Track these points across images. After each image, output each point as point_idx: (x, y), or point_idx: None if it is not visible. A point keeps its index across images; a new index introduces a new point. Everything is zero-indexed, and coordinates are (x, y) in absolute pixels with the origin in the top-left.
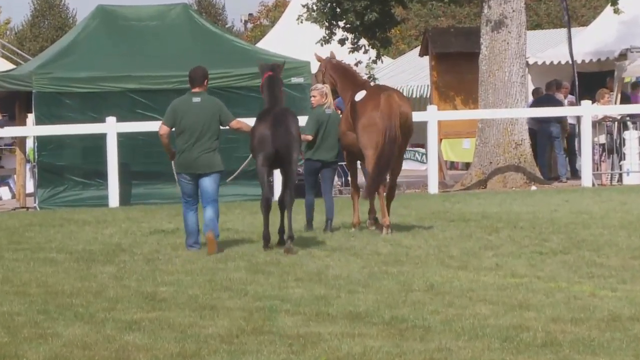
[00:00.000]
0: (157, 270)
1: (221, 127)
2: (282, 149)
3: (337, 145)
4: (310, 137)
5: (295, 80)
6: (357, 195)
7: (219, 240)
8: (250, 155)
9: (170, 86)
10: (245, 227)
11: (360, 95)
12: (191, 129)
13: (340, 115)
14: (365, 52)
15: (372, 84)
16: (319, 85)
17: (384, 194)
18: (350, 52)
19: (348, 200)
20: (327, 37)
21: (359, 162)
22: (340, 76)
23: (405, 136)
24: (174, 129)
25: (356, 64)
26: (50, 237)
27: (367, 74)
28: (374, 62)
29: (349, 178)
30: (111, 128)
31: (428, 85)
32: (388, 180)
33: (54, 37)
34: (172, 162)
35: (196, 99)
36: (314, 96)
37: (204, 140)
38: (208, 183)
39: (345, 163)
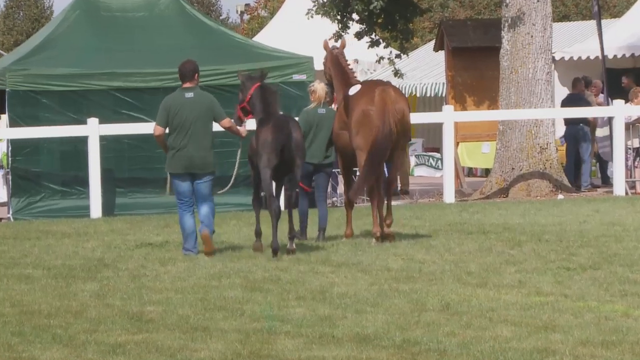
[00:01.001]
0: (143, 287)
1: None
2: (286, 153)
3: (328, 146)
4: None
5: (296, 77)
6: (351, 206)
7: (215, 240)
8: (237, 165)
9: (158, 84)
10: (241, 240)
11: (354, 90)
12: (185, 126)
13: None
14: (387, 46)
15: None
16: (314, 84)
17: (376, 201)
18: (369, 47)
19: (360, 211)
20: (340, 31)
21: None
22: (336, 72)
23: (402, 135)
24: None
25: (378, 61)
26: (25, 251)
27: (392, 70)
28: (398, 56)
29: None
30: (93, 130)
31: (443, 83)
32: (386, 176)
33: (29, 29)
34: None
35: (189, 94)
36: (314, 92)
37: (200, 137)
38: (203, 185)
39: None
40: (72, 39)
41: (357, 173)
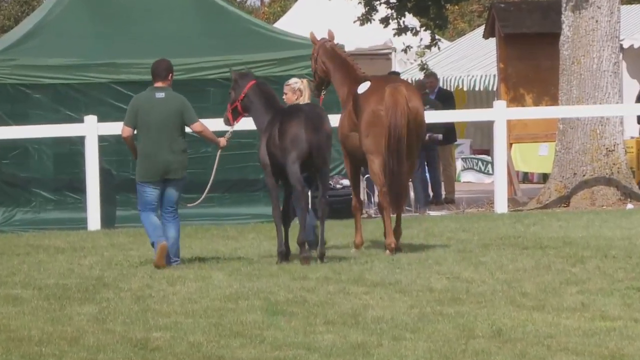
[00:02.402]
0: (149, 310)
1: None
2: (316, 149)
3: None
4: None
5: None
6: (360, 211)
7: (231, 255)
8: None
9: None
10: (261, 257)
11: (363, 88)
12: (156, 128)
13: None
14: (415, 34)
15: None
16: (292, 80)
17: (389, 210)
18: (395, 34)
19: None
20: (367, 15)
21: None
22: (336, 66)
23: (415, 136)
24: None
25: (404, 50)
26: (13, 269)
27: (418, 63)
28: (428, 47)
29: (375, 195)
30: (91, 129)
31: (494, 76)
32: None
33: (18, 14)
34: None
35: (159, 94)
36: (285, 93)
37: (172, 140)
38: (174, 191)
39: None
40: (67, 25)
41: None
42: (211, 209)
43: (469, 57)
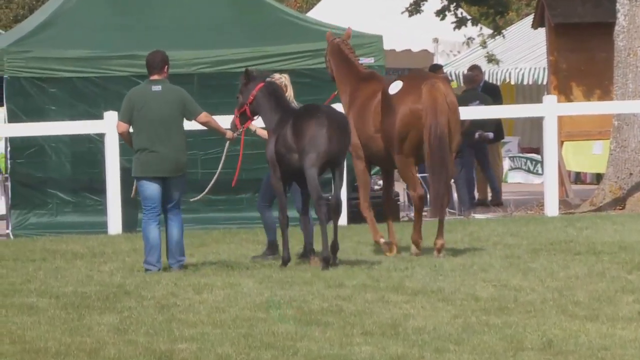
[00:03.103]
0: (174, 320)
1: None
2: (336, 152)
3: None
4: None
5: (363, 61)
6: (370, 210)
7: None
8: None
9: (191, 70)
10: (293, 262)
11: (396, 87)
12: (154, 123)
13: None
14: (475, 24)
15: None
16: (276, 75)
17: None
18: (455, 27)
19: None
20: (415, 6)
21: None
22: (338, 63)
23: (456, 132)
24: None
25: (466, 42)
26: (28, 276)
27: (485, 56)
28: (491, 36)
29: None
30: (111, 126)
31: (544, 69)
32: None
33: (32, 3)
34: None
35: (156, 88)
36: None
37: (171, 136)
38: (175, 189)
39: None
40: (85, 14)
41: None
42: (240, 212)
43: (517, 49)
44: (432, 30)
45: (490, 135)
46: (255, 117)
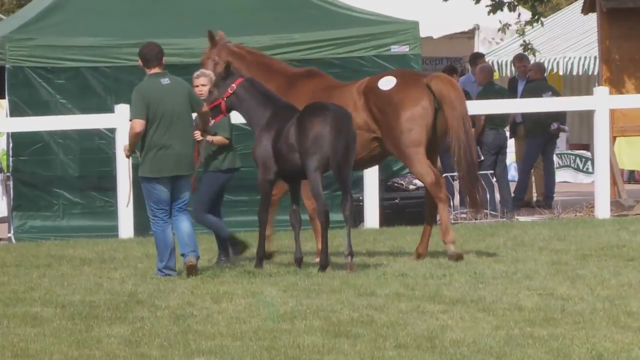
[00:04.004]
0: (190, 332)
1: None
2: (342, 151)
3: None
4: (227, 140)
5: (396, 49)
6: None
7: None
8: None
9: None
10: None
11: (388, 83)
12: (168, 119)
13: None
14: (513, 9)
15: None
16: (207, 71)
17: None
18: (490, 12)
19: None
20: None
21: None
22: (250, 65)
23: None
24: None
25: (502, 29)
26: (32, 283)
27: (520, 44)
28: (529, 23)
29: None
30: (123, 121)
31: (595, 57)
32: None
33: None
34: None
35: (165, 81)
36: (203, 85)
37: (183, 131)
38: (185, 188)
39: (491, 172)
40: None
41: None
42: None
43: (566, 36)
44: (472, 15)
45: (566, 128)
46: (228, 113)
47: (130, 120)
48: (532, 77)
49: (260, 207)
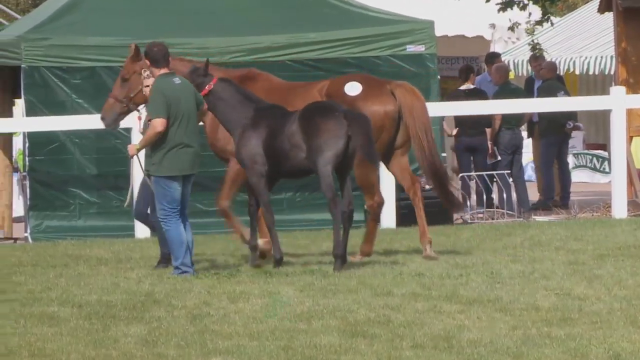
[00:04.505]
0: (207, 331)
1: None
2: (350, 155)
3: None
4: None
5: (411, 49)
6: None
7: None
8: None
9: (224, 58)
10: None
11: (354, 89)
12: (186, 117)
13: None
14: (523, 8)
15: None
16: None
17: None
18: (500, 10)
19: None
20: None
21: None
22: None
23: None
24: None
25: (511, 28)
26: (48, 283)
27: (528, 42)
28: (539, 23)
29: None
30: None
31: (612, 57)
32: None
33: None
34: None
35: (176, 80)
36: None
37: (196, 129)
38: (189, 189)
39: (508, 171)
40: None
41: None
42: (280, 214)
43: (582, 36)
44: (488, 14)
45: (581, 125)
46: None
47: (151, 119)
48: (544, 77)
49: (263, 209)
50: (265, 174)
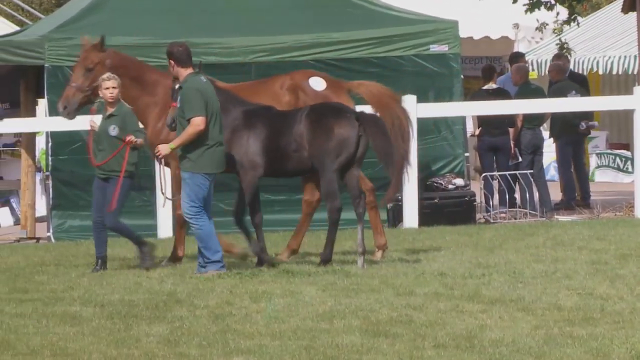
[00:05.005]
0: (229, 331)
1: None
2: (361, 154)
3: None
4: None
5: (435, 48)
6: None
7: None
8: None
9: (248, 58)
10: (358, 268)
11: (320, 84)
12: (218, 115)
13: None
14: (550, 8)
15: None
16: (112, 74)
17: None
18: (527, 11)
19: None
20: None
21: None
22: (132, 70)
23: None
24: None
25: (539, 28)
26: (71, 283)
27: (556, 43)
28: (566, 22)
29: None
30: None
31: (635, 57)
32: None
33: None
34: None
35: (203, 79)
36: (113, 87)
37: (222, 128)
38: (212, 187)
39: (530, 171)
40: None
41: None
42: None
43: (605, 35)
44: (512, 14)
45: (596, 124)
46: None
47: (190, 119)
48: (553, 79)
49: (252, 210)
50: (261, 175)
